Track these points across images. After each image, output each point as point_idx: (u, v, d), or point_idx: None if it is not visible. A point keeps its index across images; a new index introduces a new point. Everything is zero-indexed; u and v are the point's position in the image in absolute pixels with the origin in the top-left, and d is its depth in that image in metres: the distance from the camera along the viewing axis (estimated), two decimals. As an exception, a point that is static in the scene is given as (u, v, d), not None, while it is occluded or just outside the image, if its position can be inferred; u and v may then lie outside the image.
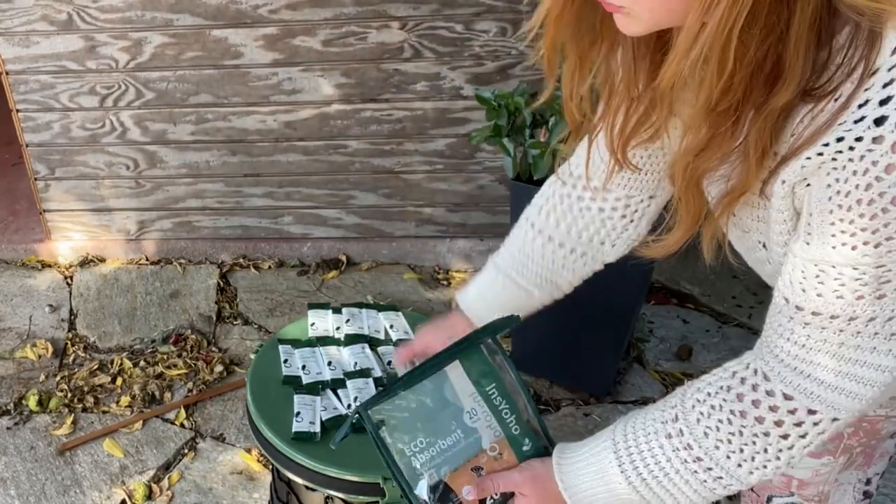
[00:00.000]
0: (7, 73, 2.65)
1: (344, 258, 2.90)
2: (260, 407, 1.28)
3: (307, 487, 1.26)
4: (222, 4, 2.49)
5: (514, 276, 1.19)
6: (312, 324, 1.48)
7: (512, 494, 1.02)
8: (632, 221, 1.13)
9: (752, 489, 1.34)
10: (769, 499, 1.31)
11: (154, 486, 2.05)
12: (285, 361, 1.38)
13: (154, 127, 2.74)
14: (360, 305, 1.54)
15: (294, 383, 1.34)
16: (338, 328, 1.46)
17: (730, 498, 1.96)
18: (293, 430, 1.24)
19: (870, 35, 0.70)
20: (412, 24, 2.49)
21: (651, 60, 0.88)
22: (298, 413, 1.27)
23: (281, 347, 1.42)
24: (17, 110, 2.72)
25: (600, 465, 0.95)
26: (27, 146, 2.80)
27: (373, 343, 1.45)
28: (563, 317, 2.18)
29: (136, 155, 2.80)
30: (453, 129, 2.65)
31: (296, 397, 1.30)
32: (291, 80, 2.61)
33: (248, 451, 2.14)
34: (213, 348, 2.51)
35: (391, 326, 1.48)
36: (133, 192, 2.88)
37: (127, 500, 2.01)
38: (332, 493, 1.22)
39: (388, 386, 1.01)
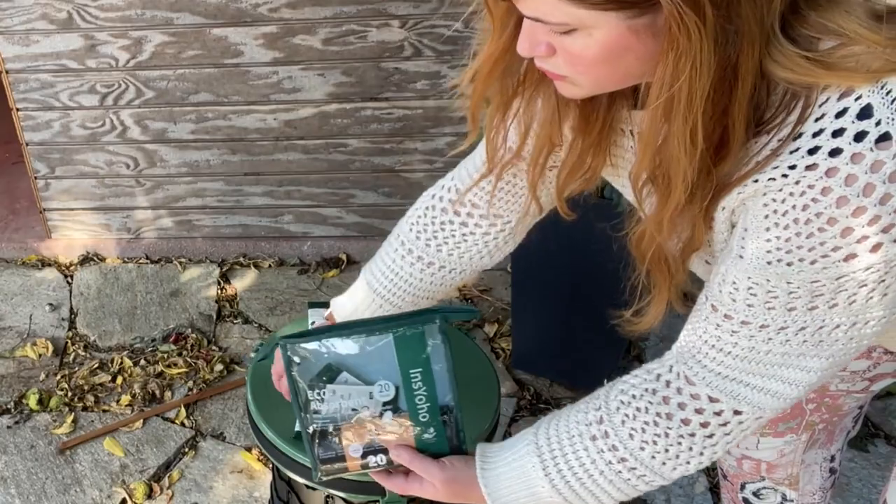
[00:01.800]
0: (7, 72, 2.65)
1: (344, 257, 2.90)
2: (260, 406, 1.28)
3: (307, 486, 1.26)
4: (222, 3, 2.49)
5: (393, 299, 1.21)
6: (313, 322, 1.48)
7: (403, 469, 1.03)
8: (513, 235, 1.16)
9: (725, 477, 1.36)
10: (742, 486, 1.33)
11: (154, 485, 2.05)
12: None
13: (154, 126, 2.73)
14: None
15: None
16: (338, 327, 1.46)
17: (712, 490, 1.97)
18: (295, 428, 1.24)
19: (804, 86, 0.74)
20: (412, 22, 2.49)
21: (580, 109, 0.91)
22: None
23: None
24: (17, 109, 2.72)
25: (523, 468, 0.96)
26: (27, 145, 2.80)
27: None
28: (563, 316, 2.19)
29: (136, 154, 2.80)
30: (454, 128, 2.65)
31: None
32: (291, 79, 2.60)
33: (249, 449, 2.14)
34: (214, 347, 2.51)
35: None
36: (133, 191, 2.88)
37: (127, 498, 2.01)
38: (332, 492, 1.22)
39: (316, 330, 1.03)
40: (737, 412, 0.87)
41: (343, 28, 2.51)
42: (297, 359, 1.01)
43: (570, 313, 2.12)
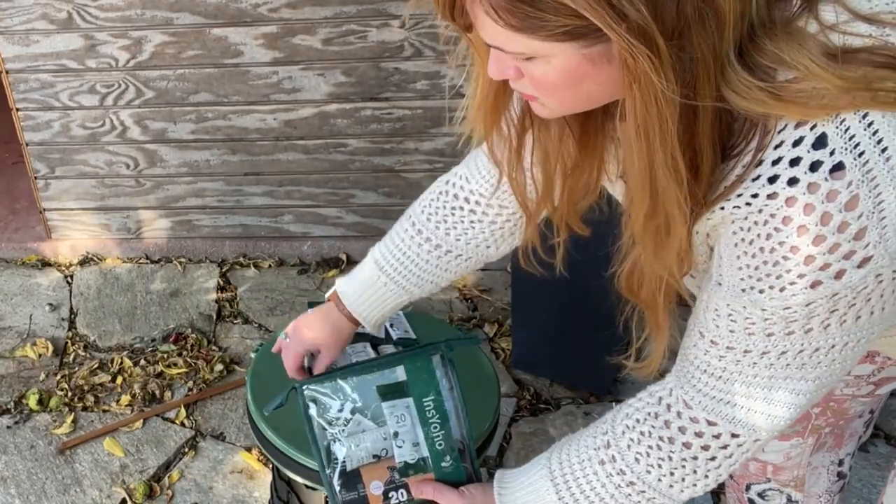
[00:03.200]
0: (7, 72, 2.65)
1: (344, 257, 2.90)
2: (260, 406, 1.28)
3: (307, 486, 1.26)
4: (222, 3, 2.49)
5: (398, 278, 1.22)
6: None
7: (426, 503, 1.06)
8: (519, 228, 1.18)
9: (731, 477, 1.36)
10: (748, 486, 1.33)
11: (154, 485, 2.05)
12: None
13: (154, 126, 2.73)
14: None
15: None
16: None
17: (716, 492, 1.97)
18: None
19: (760, 115, 0.75)
20: (412, 22, 2.49)
21: (580, 123, 0.93)
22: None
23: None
24: (17, 109, 2.72)
25: (538, 493, 0.99)
26: (27, 145, 2.80)
27: (374, 342, 1.44)
28: (563, 316, 2.19)
29: (136, 154, 2.80)
30: (454, 128, 2.65)
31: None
32: (291, 79, 2.60)
33: (249, 450, 2.14)
34: (214, 347, 2.51)
35: (391, 325, 1.48)
36: (133, 191, 2.88)
37: (127, 499, 2.01)
38: (332, 492, 1.22)
39: (330, 371, 1.08)
40: (734, 435, 0.89)
41: (343, 28, 2.51)
42: (312, 403, 1.06)
43: (570, 313, 2.12)
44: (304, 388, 1.07)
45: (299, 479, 1.23)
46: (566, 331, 2.17)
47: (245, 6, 2.49)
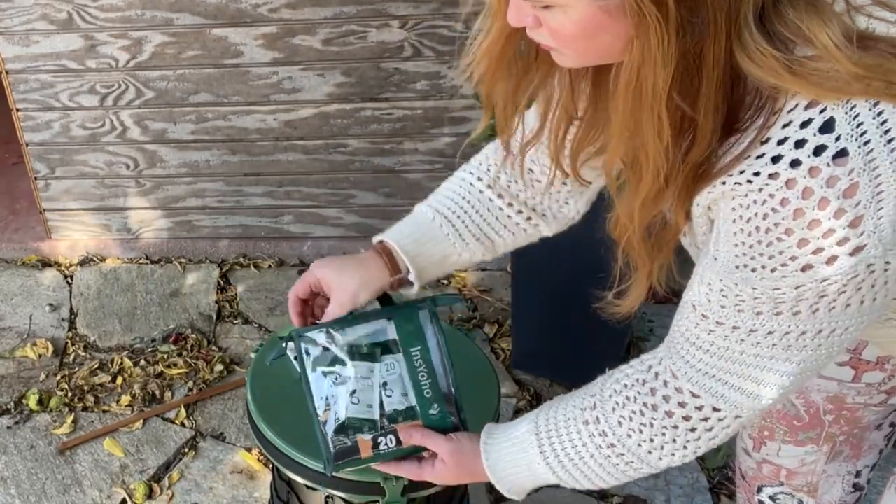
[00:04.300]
0: (7, 73, 2.65)
1: (344, 257, 2.90)
2: (260, 406, 1.28)
3: (308, 487, 1.26)
4: (222, 3, 2.49)
5: (455, 221, 1.13)
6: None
7: (415, 450, 1.09)
8: (573, 198, 1.14)
9: (743, 478, 1.35)
10: (759, 489, 1.33)
11: (154, 486, 2.05)
12: (295, 358, 1.39)
13: (154, 126, 2.73)
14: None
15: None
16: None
17: (712, 490, 1.96)
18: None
19: (771, 89, 0.76)
20: (412, 23, 2.49)
21: (591, 80, 0.93)
22: None
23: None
24: (17, 109, 2.72)
25: (522, 446, 1.02)
26: (27, 145, 2.80)
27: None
28: (563, 316, 2.19)
29: (136, 154, 2.80)
30: (454, 129, 2.65)
31: None
32: (291, 79, 2.60)
33: (249, 450, 2.14)
34: (214, 347, 2.51)
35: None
36: (133, 192, 2.88)
37: (127, 499, 2.01)
38: (332, 492, 1.22)
39: (323, 323, 1.10)
40: (716, 409, 0.90)
41: (343, 28, 2.51)
42: (308, 349, 1.08)
43: (570, 313, 2.12)
44: (300, 336, 1.09)
45: (299, 480, 1.23)
46: (566, 331, 2.17)
47: (245, 6, 2.49)
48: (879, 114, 0.71)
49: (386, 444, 1.08)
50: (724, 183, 0.79)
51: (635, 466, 0.97)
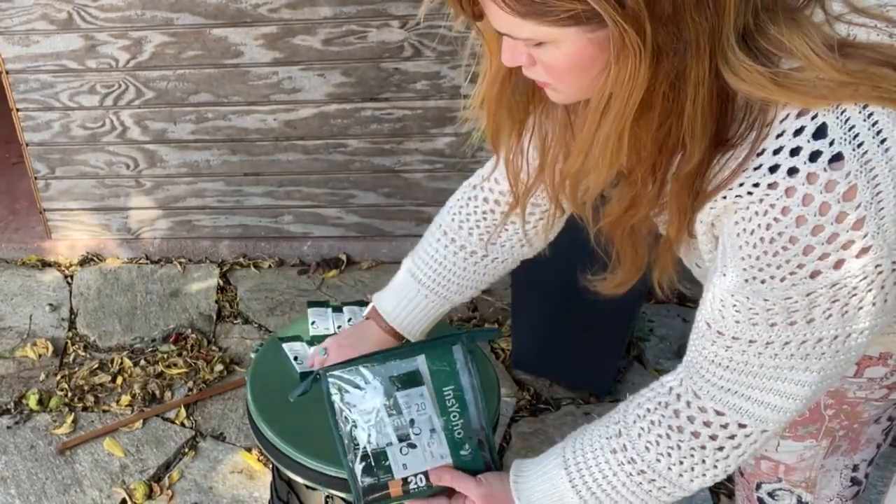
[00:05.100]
0: (7, 73, 2.65)
1: (344, 257, 2.90)
2: (260, 406, 1.28)
3: (307, 487, 1.26)
4: (222, 3, 2.49)
5: (438, 289, 1.24)
6: (313, 322, 1.48)
7: (445, 491, 1.09)
8: (552, 224, 1.18)
9: (742, 475, 1.36)
10: (758, 485, 1.33)
11: (154, 486, 2.05)
12: (295, 359, 1.39)
13: (154, 126, 2.73)
14: (360, 304, 1.54)
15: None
16: (339, 327, 1.46)
17: (712, 490, 1.96)
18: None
19: (762, 102, 0.77)
20: (412, 22, 2.49)
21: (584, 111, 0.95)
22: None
23: (285, 346, 1.42)
24: (17, 109, 2.72)
25: (552, 481, 1.01)
26: (27, 145, 2.80)
27: None
28: (563, 316, 2.19)
29: (136, 154, 2.80)
30: (454, 129, 2.65)
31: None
32: (291, 79, 2.61)
33: (249, 450, 2.14)
34: (214, 347, 2.51)
35: None
36: (133, 192, 2.88)
37: (127, 499, 2.01)
38: (332, 492, 1.22)
39: (353, 359, 1.10)
40: (741, 425, 0.90)
41: (343, 28, 2.51)
42: (335, 389, 1.08)
43: (570, 314, 2.12)
44: (327, 374, 1.09)
45: (299, 480, 1.23)
46: (566, 331, 2.17)
47: (245, 6, 2.49)
48: (870, 116, 0.72)
49: (416, 484, 1.08)
50: (724, 198, 0.80)
51: (668, 491, 0.96)
